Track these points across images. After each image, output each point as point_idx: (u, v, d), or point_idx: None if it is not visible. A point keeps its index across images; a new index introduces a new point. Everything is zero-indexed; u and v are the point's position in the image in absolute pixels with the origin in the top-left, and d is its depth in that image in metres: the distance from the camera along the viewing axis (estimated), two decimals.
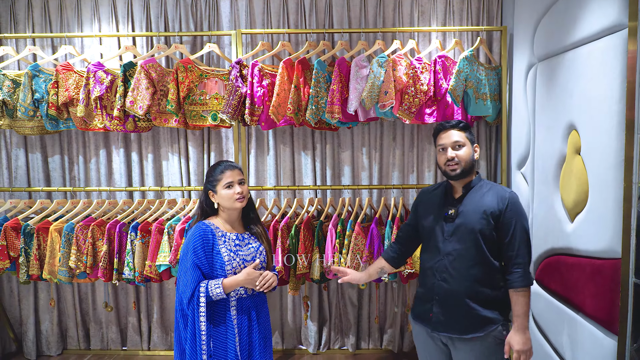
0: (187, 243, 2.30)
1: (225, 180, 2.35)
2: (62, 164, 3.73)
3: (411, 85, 3.17)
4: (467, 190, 2.38)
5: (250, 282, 2.33)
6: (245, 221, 2.50)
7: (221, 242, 2.34)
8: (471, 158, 2.35)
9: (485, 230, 2.28)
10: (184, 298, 2.25)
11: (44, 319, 3.81)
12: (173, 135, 3.66)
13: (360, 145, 3.65)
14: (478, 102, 3.30)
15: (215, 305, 2.31)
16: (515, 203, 2.30)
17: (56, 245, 3.29)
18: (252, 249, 2.42)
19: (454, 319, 2.34)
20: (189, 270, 2.26)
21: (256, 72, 3.23)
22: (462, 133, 2.35)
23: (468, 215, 2.32)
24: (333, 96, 3.15)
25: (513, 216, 2.27)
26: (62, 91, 3.30)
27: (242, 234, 2.44)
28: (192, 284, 2.24)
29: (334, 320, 3.77)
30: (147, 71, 3.25)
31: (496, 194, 2.33)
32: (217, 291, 2.25)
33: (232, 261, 2.34)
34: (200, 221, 2.37)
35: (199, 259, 2.27)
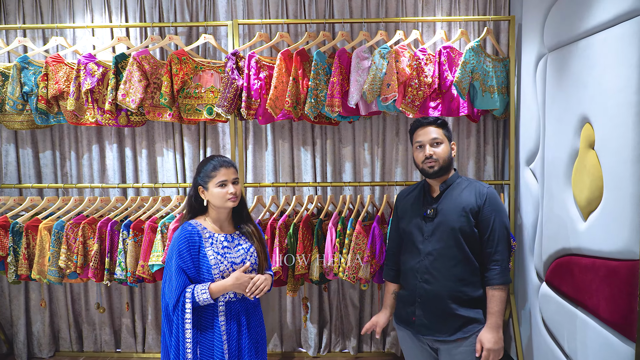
0: (172, 246, 2.18)
1: (219, 179, 2.22)
2: (53, 159, 3.61)
3: (415, 78, 3.03)
4: (445, 188, 2.35)
5: (239, 286, 2.20)
6: (236, 220, 2.36)
7: (208, 244, 2.20)
8: (449, 155, 2.33)
9: (465, 227, 2.24)
10: (170, 304, 2.14)
11: (36, 320, 3.69)
12: (168, 130, 3.54)
13: (362, 140, 3.51)
14: (485, 95, 3.15)
15: (202, 310, 2.19)
16: (493, 198, 2.28)
17: (46, 244, 3.18)
18: (242, 250, 2.28)
19: (437, 321, 2.28)
20: (174, 275, 2.14)
21: (253, 64, 3.10)
22: (439, 130, 2.33)
23: (447, 214, 2.28)
24: (333, 89, 3.02)
25: (492, 212, 2.25)
26: (52, 84, 3.18)
27: (232, 234, 2.30)
28: (177, 290, 2.12)
29: (334, 322, 3.64)
30: (140, 63, 3.12)
31: (474, 189, 2.30)
32: (203, 297, 2.13)
33: (219, 264, 2.20)
34: (187, 221, 2.24)
35: (184, 262, 2.15)
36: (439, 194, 2.34)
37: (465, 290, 2.26)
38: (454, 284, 2.25)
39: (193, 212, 2.28)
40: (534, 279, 3.01)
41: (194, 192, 2.28)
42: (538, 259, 2.90)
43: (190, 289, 2.13)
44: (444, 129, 2.35)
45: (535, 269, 2.97)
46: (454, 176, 2.37)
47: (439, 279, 2.26)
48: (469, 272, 2.26)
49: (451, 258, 2.25)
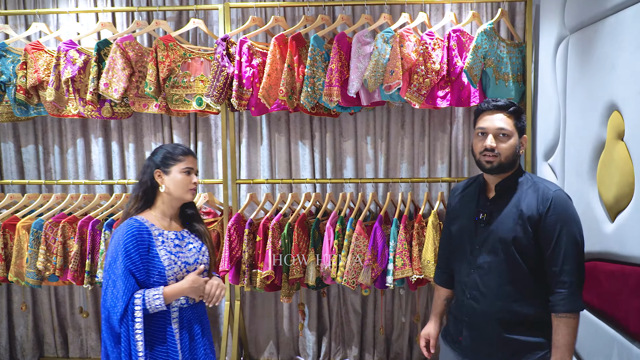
0: (116, 245, 1.88)
1: (187, 164, 2.00)
2: (36, 154, 3.40)
3: (421, 64, 2.76)
4: (502, 189, 1.94)
5: (195, 290, 1.96)
6: (183, 218, 2.11)
7: (159, 242, 1.94)
8: (515, 152, 1.90)
9: (520, 239, 1.84)
10: (114, 314, 1.83)
11: (19, 324, 3.49)
12: (156, 122, 3.31)
13: (365, 133, 3.24)
14: (498, 83, 2.87)
15: (152, 319, 1.91)
16: (561, 204, 1.83)
17: (24, 244, 2.97)
18: (194, 249, 2.05)
19: (485, 346, 1.93)
20: (119, 279, 1.84)
21: (245, 50, 2.85)
22: (510, 119, 1.89)
23: (501, 220, 1.89)
24: (331, 77, 2.76)
25: (557, 221, 1.81)
26: (31, 73, 2.97)
27: (182, 232, 2.05)
28: (124, 296, 1.83)
29: (334, 329, 3.38)
30: (124, 50, 2.89)
31: (537, 192, 1.87)
32: (156, 303, 1.87)
33: (172, 266, 1.95)
34: (132, 217, 1.96)
35: (133, 263, 1.86)
36: (495, 196, 1.95)
37: (519, 311, 1.87)
38: (505, 303, 1.88)
39: (145, 202, 2.00)
40: None
41: (149, 177, 1.99)
42: None
43: (140, 295, 1.86)
44: (516, 119, 1.91)
45: None
46: (515, 174, 1.94)
47: (489, 297, 1.90)
48: (524, 291, 1.87)
49: (503, 274, 1.88)
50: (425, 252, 2.76)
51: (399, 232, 2.77)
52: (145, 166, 2.01)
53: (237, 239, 2.88)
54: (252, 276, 2.87)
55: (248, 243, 2.85)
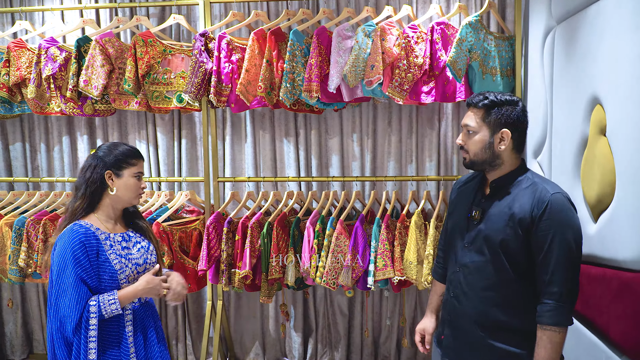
0: (64, 252, 1.80)
1: (139, 169, 1.96)
2: (23, 152, 3.40)
3: (403, 58, 2.67)
4: (496, 187, 1.83)
5: (151, 291, 1.91)
6: (127, 217, 2.05)
7: (107, 246, 1.88)
8: (483, 149, 1.79)
9: (509, 241, 1.73)
10: (68, 324, 1.77)
11: (8, 321, 3.50)
12: (140, 120, 3.27)
13: (351, 130, 3.16)
14: (485, 78, 2.76)
15: (105, 324, 1.85)
16: (557, 208, 1.69)
17: (7, 241, 2.96)
18: (142, 249, 2.01)
19: (464, 348, 1.86)
20: (71, 288, 1.77)
21: (224, 45, 2.80)
22: (478, 114, 1.79)
23: (492, 220, 1.79)
24: (311, 72, 2.69)
25: (551, 227, 1.68)
26: (14, 70, 2.96)
27: (127, 233, 2.00)
28: (79, 304, 1.77)
29: (320, 331, 3.31)
30: (103, 46, 2.87)
31: (534, 194, 1.73)
32: (112, 308, 1.81)
33: (124, 269, 1.90)
34: (76, 222, 1.87)
35: (84, 270, 1.80)
36: (490, 193, 1.85)
37: (499, 317, 1.77)
38: (485, 308, 1.79)
39: (90, 203, 1.90)
40: None
41: (99, 178, 1.89)
42: None
43: (94, 301, 1.80)
44: (487, 113, 1.77)
45: None
46: (514, 172, 1.81)
47: (471, 299, 1.82)
48: (507, 296, 1.77)
49: (487, 276, 1.79)
50: (408, 253, 2.67)
51: (381, 232, 2.69)
52: (94, 165, 1.91)
53: (216, 237, 2.83)
54: (231, 276, 2.81)
55: (227, 242, 2.80)
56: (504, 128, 1.77)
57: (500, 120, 1.77)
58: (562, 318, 1.69)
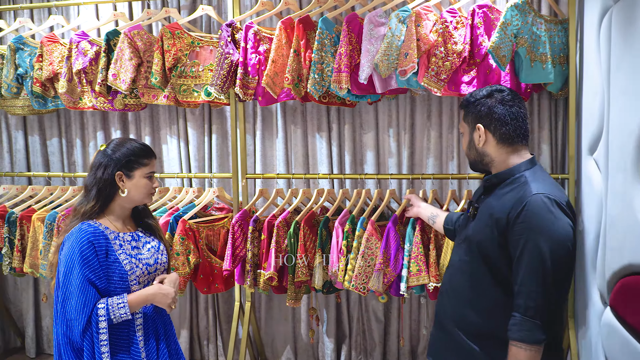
0: (71, 253, 1.74)
1: (151, 169, 1.92)
2: (60, 147, 3.43)
3: (440, 45, 2.45)
4: (486, 185, 1.79)
5: (163, 298, 1.83)
6: (136, 216, 2.01)
7: (117, 246, 1.83)
8: (470, 148, 1.82)
9: (485, 242, 1.65)
10: (76, 327, 1.71)
11: (45, 315, 3.54)
12: (172, 115, 3.22)
13: (387, 125, 2.96)
14: (534, 66, 2.49)
15: (114, 328, 1.79)
16: (534, 212, 1.56)
17: (39, 235, 2.97)
18: (153, 249, 1.94)
19: (443, 348, 1.84)
20: (78, 290, 1.71)
21: (250, 35, 2.68)
22: (461, 116, 1.86)
23: (478, 219, 1.75)
24: (340, 62, 2.52)
25: (524, 231, 1.55)
26: (47, 65, 2.97)
27: (137, 232, 1.94)
28: (87, 307, 1.71)
29: (354, 337, 3.13)
30: (132, 39, 2.81)
31: (517, 194, 1.63)
32: (120, 312, 1.76)
33: (135, 269, 1.84)
34: (84, 222, 1.81)
35: (93, 271, 1.73)
36: (483, 192, 1.83)
37: (471, 319, 1.73)
38: (462, 308, 1.77)
39: (102, 206, 1.85)
40: (596, 301, 2.30)
41: (110, 178, 1.84)
42: (600, 276, 2.19)
43: (103, 304, 1.74)
44: (466, 112, 1.82)
45: (598, 288, 2.27)
46: (510, 171, 1.72)
47: (451, 297, 1.82)
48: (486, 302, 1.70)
49: (467, 276, 1.77)
50: (444, 257, 2.45)
51: (415, 234, 2.48)
52: (104, 164, 1.85)
53: (242, 236, 2.72)
54: (257, 277, 2.69)
55: (252, 241, 2.68)
56: (477, 123, 1.76)
57: (475, 116, 1.77)
58: (527, 335, 1.53)
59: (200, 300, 3.29)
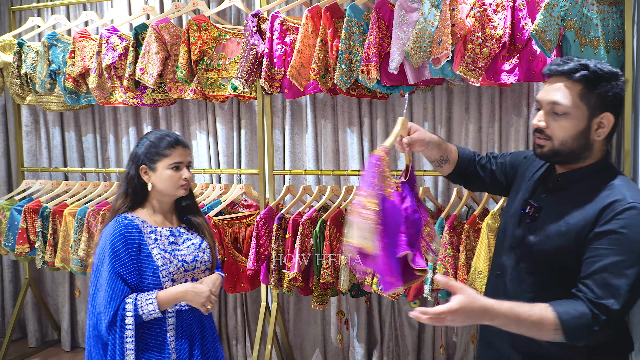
0: (104, 245, 1.74)
1: (175, 159, 1.81)
2: (94, 143, 3.44)
3: (478, 30, 2.25)
4: (562, 182, 1.45)
5: (196, 297, 1.76)
6: (180, 211, 1.91)
7: (151, 240, 1.77)
8: (578, 135, 1.38)
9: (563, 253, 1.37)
10: (102, 321, 1.69)
11: (80, 309, 3.58)
12: (201, 109, 3.16)
13: (422, 118, 2.78)
14: (585, 51, 2.25)
15: (146, 326, 1.76)
16: (633, 222, 1.30)
17: (70, 230, 2.99)
18: (193, 246, 1.86)
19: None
20: (107, 283, 1.70)
21: (277, 25, 2.57)
22: (574, 90, 1.36)
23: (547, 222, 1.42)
24: (369, 51, 2.37)
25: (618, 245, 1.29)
26: (78, 61, 2.98)
27: (178, 228, 1.87)
28: (114, 301, 1.68)
29: (386, 343, 2.97)
30: (159, 33, 2.77)
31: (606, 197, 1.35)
32: (149, 309, 1.71)
33: (168, 265, 1.76)
34: (120, 214, 1.80)
35: (123, 265, 1.71)
36: (553, 187, 1.48)
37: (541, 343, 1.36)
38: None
39: (134, 201, 1.83)
40: None
41: (135, 174, 1.82)
42: None
43: (131, 299, 1.70)
44: (588, 88, 1.36)
45: None
46: (590, 168, 1.43)
47: None
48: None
49: (532, 288, 1.44)
50: (477, 261, 2.24)
51: (443, 234, 2.30)
52: (131, 160, 1.85)
53: (267, 234, 2.61)
54: (281, 277, 2.58)
55: (277, 240, 2.57)
56: (606, 111, 1.38)
57: (605, 99, 1.37)
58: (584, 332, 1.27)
59: (229, 300, 3.22)
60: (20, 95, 3.21)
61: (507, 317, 1.27)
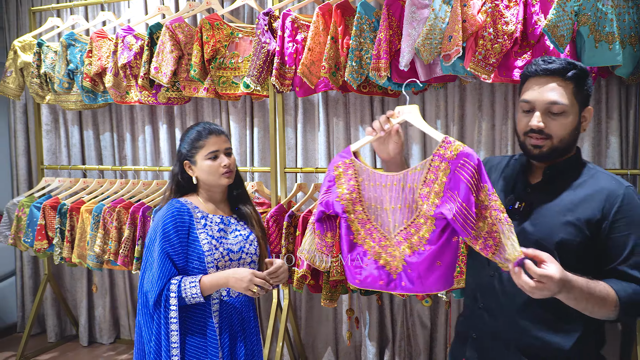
0: (155, 226, 1.82)
1: (209, 149, 1.85)
2: (112, 141, 3.50)
3: (489, 26, 2.22)
4: (552, 174, 1.46)
5: (239, 282, 1.74)
6: (232, 201, 1.97)
7: (200, 225, 1.82)
8: (572, 132, 1.43)
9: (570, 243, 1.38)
10: (150, 297, 1.76)
11: (98, 305, 3.64)
12: (215, 108, 3.19)
13: (434, 116, 2.76)
14: (600, 47, 2.20)
15: (189, 309, 1.81)
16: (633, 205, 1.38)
17: (87, 227, 3.04)
18: (241, 237, 1.90)
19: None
20: (157, 261, 1.77)
21: (288, 23, 2.58)
22: (567, 88, 1.41)
23: (544, 216, 1.42)
24: (379, 48, 2.36)
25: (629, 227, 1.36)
26: (95, 60, 3.03)
27: (229, 217, 1.92)
28: (161, 280, 1.75)
29: (398, 342, 2.95)
30: (173, 32, 2.81)
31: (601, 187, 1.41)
32: (192, 292, 1.74)
33: (213, 251, 1.81)
34: (174, 198, 1.87)
35: (171, 246, 1.77)
36: (541, 182, 1.49)
37: (548, 339, 1.39)
38: (531, 324, 1.41)
39: (180, 191, 1.90)
40: None
41: (179, 169, 1.90)
42: None
43: (176, 281, 1.75)
44: (577, 86, 1.42)
45: None
46: (572, 159, 1.48)
47: (508, 313, 1.44)
48: (562, 313, 1.37)
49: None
50: None
51: None
52: (177, 158, 1.92)
53: (277, 232, 2.63)
54: (291, 274, 2.58)
55: (287, 237, 2.58)
56: (587, 105, 1.47)
57: (588, 95, 1.46)
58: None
59: None
60: (39, 95, 3.28)
61: (582, 291, 1.27)
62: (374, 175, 1.51)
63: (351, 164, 1.55)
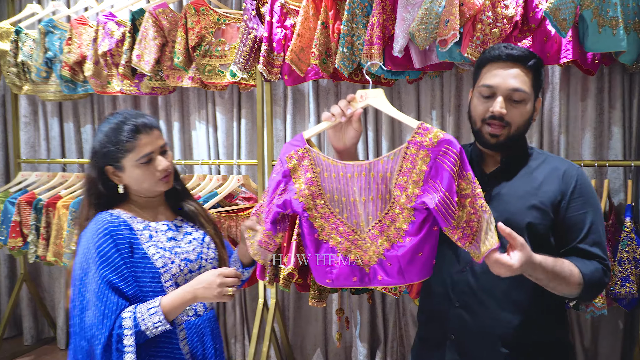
0: (86, 251, 1.40)
1: (141, 151, 1.43)
2: (93, 134, 3.36)
3: (488, 9, 2.11)
4: (508, 162, 1.48)
5: (208, 291, 1.39)
6: (171, 201, 1.61)
7: (145, 238, 1.46)
8: (528, 120, 1.46)
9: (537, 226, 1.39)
10: (97, 344, 1.35)
11: None
12: (201, 99, 3.06)
13: (429, 106, 2.65)
14: (603, 32, 2.10)
15: (152, 344, 1.43)
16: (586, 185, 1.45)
17: (63, 223, 2.89)
18: (195, 241, 1.56)
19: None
20: (96, 297, 1.36)
21: (277, 8, 2.47)
22: (528, 77, 1.43)
23: (507, 202, 1.42)
24: (372, 33, 2.25)
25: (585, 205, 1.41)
26: (75, 48, 2.89)
27: (174, 222, 1.58)
28: (107, 318, 1.35)
29: (390, 342, 2.83)
30: (156, 18, 2.68)
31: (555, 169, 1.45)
32: (154, 320, 1.37)
33: (169, 266, 1.46)
34: (100, 212, 1.47)
35: (114, 270, 1.38)
36: (497, 171, 1.47)
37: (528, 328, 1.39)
38: (512, 315, 1.39)
39: (102, 204, 1.49)
40: None
41: (98, 175, 1.47)
42: None
43: (129, 313, 1.36)
44: (535, 76, 1.44)
45: None
46: (524, 146, 1.52)
47: (489, 306, 1.40)
48: (537, 298, 1.39)
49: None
50: None
51: None
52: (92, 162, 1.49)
53: None
54: (278, 272, 2.45)
55: None
56: (538, 96, 1.50)
57: (541, 86, 1.50)
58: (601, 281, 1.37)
59: None
60: (16, 85, 3.14)
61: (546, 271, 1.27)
62: (335, 167, 1.38)
63: (305, 153, 1.42)
